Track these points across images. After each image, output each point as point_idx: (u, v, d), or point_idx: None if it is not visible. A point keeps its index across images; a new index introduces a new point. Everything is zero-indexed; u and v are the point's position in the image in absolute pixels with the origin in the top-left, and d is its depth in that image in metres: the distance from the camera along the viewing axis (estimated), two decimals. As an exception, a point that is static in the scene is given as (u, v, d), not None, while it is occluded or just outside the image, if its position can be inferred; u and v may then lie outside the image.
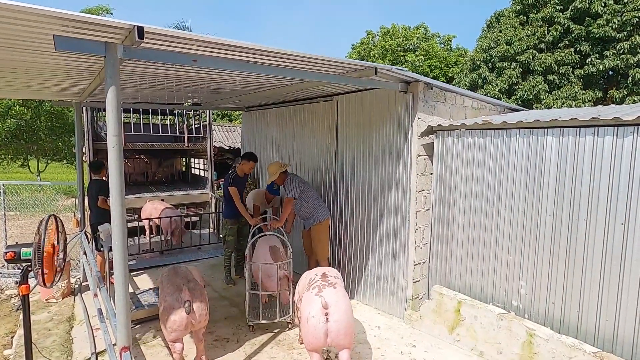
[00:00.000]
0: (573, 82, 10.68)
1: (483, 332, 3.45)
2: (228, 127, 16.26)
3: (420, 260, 4.07)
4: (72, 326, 4.04)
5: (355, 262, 4.73)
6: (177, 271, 3.24)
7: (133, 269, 5.60)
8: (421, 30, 21.12)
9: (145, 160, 9.81)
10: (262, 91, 4.79)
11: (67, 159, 15.74)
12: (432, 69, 19.19)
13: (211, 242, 6.97)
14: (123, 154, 2.16)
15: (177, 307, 2.94)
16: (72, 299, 4.75)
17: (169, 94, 5.11)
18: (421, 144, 3.97)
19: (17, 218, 8.30)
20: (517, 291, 3.40)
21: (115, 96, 2.04)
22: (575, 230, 3.02)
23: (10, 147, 14.05)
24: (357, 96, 4.57)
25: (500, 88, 11.56)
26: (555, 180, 3.13)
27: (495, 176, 3.53)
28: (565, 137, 3.05)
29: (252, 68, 2.86)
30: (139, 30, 1.95)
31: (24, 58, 2.80)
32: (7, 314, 4.64)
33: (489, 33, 12.81)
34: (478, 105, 4.52)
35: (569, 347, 2.90)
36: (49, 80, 3.84)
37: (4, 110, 13.15)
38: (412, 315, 4.00)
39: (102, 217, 4.80)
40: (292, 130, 5.84)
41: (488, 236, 3.59)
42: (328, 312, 2.73)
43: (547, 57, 10.84)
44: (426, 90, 3.90)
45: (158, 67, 3.30)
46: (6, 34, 2.16)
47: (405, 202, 4.04)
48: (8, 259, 2.88)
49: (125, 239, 2.20)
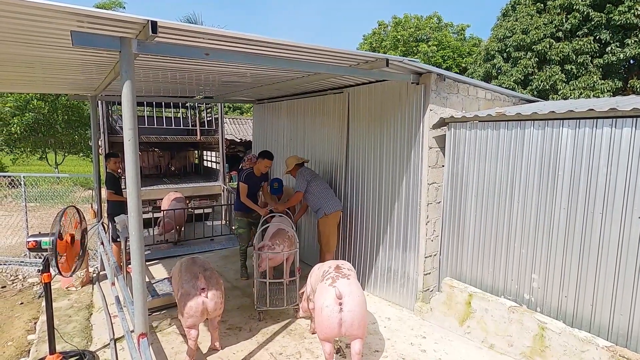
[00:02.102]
0: (592, 72, 10.36)
1: (494, 324, 3.44)
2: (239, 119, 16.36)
3: (431, 253, 4.07)
4: (91, 313, 4.19)
5: (366, 254, 4.75)
6: (195, 260, 3.34)
7: (148, 259, 5.74)
8: (434, 19, 20.69)
9: (158, 153, 9.97)
10: (273, 84, 4.80)
11: (83, 151, 16.09)
12: (445, 60, 18.84)
13: (223, 233, 7.09)
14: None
15: (193, 294, 3.03)
16: (91, 287, 4.91)
17: (182, 87, 5.16)
18: (433, 136, 3.93)
19: (37, 209, 8.55)
20: (529, 284, 3.37)
21: (131, 90, 2.08)
22: (590, 224, 2.98)
23: (29, 140, 14.42)
24: (369, 88, 4.54)
25: (515, 78, 11.29)
26: (570, 173, 3.08)
27: (508, 168, 3.49)
28: (582, 129, 2.99)
29: (263, 61, 2.87)
30: (152, 24, 1.97)
31: (40, 53, 2.86)
32: (30, 301, 4.83)
33: (504, 22, 12.48)
34: (492, 97, 4.44)
35: (582, 341, 2.88)
36: (65, 74, 3.92)
37: (23, 104, 13.47)
38: (423, 307, 4.01)
39: (119, 208, 4.94)
40: (303, 122, 5.85)
41: (500, 229, 3.57)
42: (342, 302, 2.76)
43: (564, 46, 10.53)
44: (438, 81, 3.85)
45: (171, 61, 3.33)
46: (24, 30, 2.22)
47: (417, 195, 4.02)
48: (30, 247, 3.00)
49: (141, 229, 2.26)
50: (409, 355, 3.37)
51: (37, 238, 3.01)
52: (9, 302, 4.82)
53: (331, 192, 4.69)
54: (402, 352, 3.41)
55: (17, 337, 3.97)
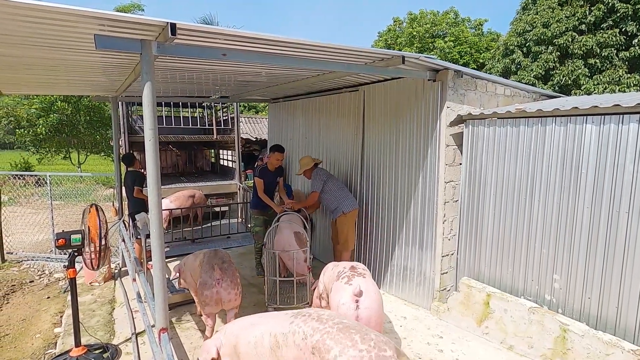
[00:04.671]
0: (617, 66, 9.98)
1: (513, 325, 3.38)
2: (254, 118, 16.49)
3: (448, 252, 4.02)
4: (113, 308, 4.32)
5: (382, 253, 4.73)
6: (216, 253, 3.44)
7: (167, 255, 5.86)
8: (451, 15, 20.33)
9: (176, 152, 10.16)
10: (288, 82, 4.82)
11: (104, 151, 16.57)
12: (462, 56, 18.50)
13: (240, 231, 7.18)
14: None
15: (210, 283, 3.18)
16: (113, 283, 5.06)
17: (198, 87, 5.25)
18: (450, 134, 3.88)
19: (61, 207, 8.87)
20: (550, 285, 3.29)
21: (151, 91, 2.13)
22: (615, 223, 2.88)
23: (54, 140, 14.95)
24: (384, 85, 4.51)
25: (536, 74, 10.99)
26: (594, 171, 2.98)
27: (528, 166, 3.40)
28: (607, 125, 2.89)
29: (279, 60, 2.89)
30: (172, 27, 2.01)
31: (64, 56, 2.96)
32: (56, 296, 5.01)
33: (524, 15, 12.14)
34: (511, 93, 4.34)
35: (606, 344, 2.80)
36: (87, 76, 4.05)
37: (48, 105, 13.97)
38: (439, 306, 3.97)
39: (140, 206, 5.07)
40: (318, 121, 5.85)
41: (520, 228, 3.49)
42: (359, 299, 2.76)
43: (588, 39, 10.17)
44: (456, 78, 3.78)
45: (188, 62, 3.40)
46: (49, 35, 2.30)
47: (433, 193, 3.97)
48: (59, 245, 3.11)
49: (162, 227, 2.31)
50: (426, 355, 3.34)
51: (65, 236, 3.12)
52: (37, 296, 5.02)
53: (347, 191, 4.69)
54: (418, 352, 3.38)
55: (45, 329, 4.13)
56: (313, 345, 1.90)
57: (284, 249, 4.16)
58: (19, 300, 4.93)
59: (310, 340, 1.92)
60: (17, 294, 5.12)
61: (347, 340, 1.84)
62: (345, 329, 1.92)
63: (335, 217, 4.62)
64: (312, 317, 2.07)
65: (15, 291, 5.20)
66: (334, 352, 1.81)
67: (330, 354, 1.81)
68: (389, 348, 1.82)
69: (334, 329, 1.92)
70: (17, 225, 7.38)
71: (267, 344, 2.11)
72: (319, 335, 1.92)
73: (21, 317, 4.49)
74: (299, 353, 1.95)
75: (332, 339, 1.86)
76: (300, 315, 2.15)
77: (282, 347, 2.03)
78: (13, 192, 9.49)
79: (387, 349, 1.80)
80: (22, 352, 3.72)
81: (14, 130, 15.51)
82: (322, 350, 1.85)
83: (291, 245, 4.10)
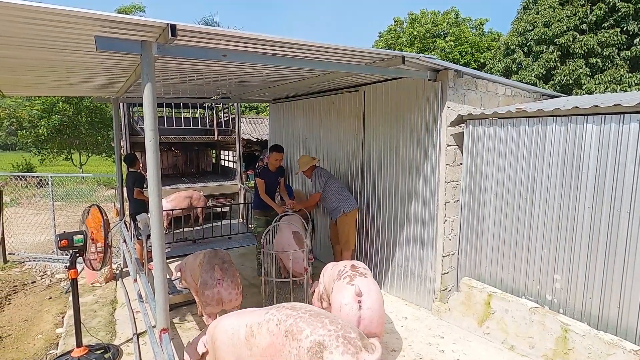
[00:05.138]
0: (618, 65, 9.96)
1: (514, 325, 3.37)
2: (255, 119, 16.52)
3: (448, 252, 4.01)
4: (115, 308, 4.33)
5: (382, 253, 4.73)
6: (217, 253, 3.44)
7: (168, 256, 5.87)
8: (451, 15, 20.32)
9: (177, 153, 10.18)
10: (289, 83, 4.83)
11: (106, 152, 16.62)
12: (463, 55, 18.49)
13: (241, 231, 7.19)
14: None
15: (210, 283, 3.19)
16: (114, 283, 5.07)
17: (199, 88, 5.26)
18: (451, 134, 3.87)
19: (62, 208, 8.89)
20: (551, 285, 3.28)
21: (151, 92, 2.14)
22: (616, 223, 2.87)
23: (56, 141, 15.00)
24: (385, 86, 4.51)
25: (537, 73, 10.98)
26: (595, 171, 2.97)
27: (529, 166, 3.40)
28: (607, 125, 2.88)
29: (279, 61, 2.89)
30: (172, 28, 2.02)
31: (65, 58, 2.97)
32: (58, 296, 5.02)
33: (525, 15, 12.13)
34: (512, 93, 4.34)
35: (608, 344, 2.79)
36: (88, 77, 4.06)
37: (49, 107, 14.02)
38: (440, 307, 3.97)
39: (140, 207, 5.08)
40: (319, 121, 5.86)
41: (521, 228, 3.48)
42: (361, 299, 2.76)
43: (589, 39, 10.16)
44: (456, 78, 3.78)
45: (189, 63, 3.40)
46: (49, 36, 2.31)
47: (434, 194, 3.97)
48: (62, 246, 3.11)
49: (162, 228, 2.32)
50: (427, 355, 3.34)
51: (67, 237, 3.13)
52: (39, 297, 5.03)
53: (347, 191, 4.69)
54: (419, 352, 3.38)
55: (47, 330, 4.14)
56: (286, 329, 2.08)
57: (283, 249, 4.16)
58: (21, 301, 4.95)
59: (283, 325, 2.10)
60: (19, 295, 5.13)
61: (317, 322, 2.06)
62: (316, 315, 2.13)
63: (335, 217, 4.62)
64: (286, 306, 2.26)
65: (17, 292, 5.22)
66: (306, 333, 2.01)
67: (303, 334, 2.02)
68: (354, 332, 2.06)
69: (306, 314, 2.12)
70: (19, 226, 7.40)
71: (242, 334, 2.26)
72: (292, 320, 2.10)
73: (23, 317, 4.50)
74: (272, 339, 2.11)
75: (304, 322, 2.07)
76: (275, 307, 2.32)
77: (256, 335, 2.18)
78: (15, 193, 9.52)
79: (352, 332, 2.04)
80: (24, 353, 3.74)
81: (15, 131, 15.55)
82: (294, 332, 2.04)
83: (290, 245, 4.11)
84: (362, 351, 1.96)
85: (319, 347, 1.94)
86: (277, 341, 2.08)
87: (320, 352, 1.93)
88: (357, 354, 1.93)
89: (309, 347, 1.96)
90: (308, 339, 1.98)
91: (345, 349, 1.93)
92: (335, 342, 1.95)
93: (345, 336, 1.99)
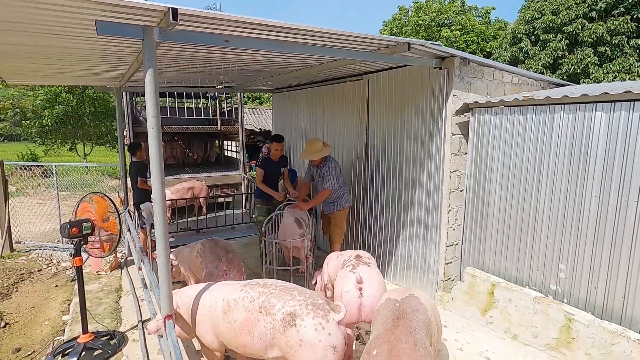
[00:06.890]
0: (628, 54, 9.76)
1: (518, 315, 3.37)
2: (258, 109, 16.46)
3: (452, 242, 4.00)
4: (120, 296, 4.38)
5: (386, 242, 4.72)
6: (217, 242, 3.43)
7: (172, 245, 5.91)
8: (457, 3, 19.95)
9: (180, 142, 10.17)
10: (292, 72, 4.77)
11: (109, 142, 16.66)
12: (469, 44, 18.19)
13: (244, 221, 7.20)
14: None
15: (216, 274, 3.17)
16: (119, 271, 5.12)
17: (202, 76, 5.22)
18: (456, 123, 3.82)
19: (67, 197, 8.94)
20: (555, 275, 3.27)
21: (153, 78, 2.11)
22: (623, 213, 2.84)
23: (60, 131, 15.04)
24: (389, 74, 4.44)
25: (544, 62, 10.79)
26: (602, 159, 2.93)
27: (535, 155, 3.35)
28: (617, 112, 2.83)
29: (283, 47, 2.84)
30: (173, 11, 1.98)
31: (67, 44, 2.94)
32: (64, 284, 5.08)
33: (533, 3, 11.88)
34: (518, 81, 4.26)
35: (612, 334, 2.78)
36: (91, 65, 4.03)
37: (53, 97, 14.02)
38: (444, 296, 3.97)
39: (144, 196, 5.09)
40: (322, 110, 5.81)
41: (526, 218, 3.45)
42: (362, 287, 2.76)
43: (598, 27, 9.94)
44: (462, 65, 3.72)
45: (191, 50, 3.36)
46: (51, 21, 2.28)
47: (438, 183, 3.94)
48: (73, 233, 3.13)
49: (165, 217, 2.32)
50: (430, 344, 3.35)
51: (77, 225, 3.15)
52: (45, 285, 5.09)
53: (347, 186, 4.70)
54: (422, 341, 3.39)
55: (53, 317, 4.20)
56: (260, 305, 2.29)
57: (286, 237, 4.16)
58: (28, 289, 5.01)
59: (257, 302, 2.32)
60: (26, 283, 5.19)
61: (287, 295, 2.28)
62: (285, 289, 2.35)
63: (333, 209, 4.56)
64: (258, 284, 2.47)
65: (24, 280, 5.28)
66: (278, 307, 2.23)
67: (275, 308, 2.23)
68: (321, 299, 2.27)
69: (276, 290, 2.34)
70: (24, 216, 7.46)
71: (220, 308, 2.46)
72: (265, 297, 2.32)
73: (30, 304, 4.56)
74: (247, 314, 2.32)
75: (275, 297, 2.29)
76: (248, 284, 2.51)
77: (233, 310, 2.39)
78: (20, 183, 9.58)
79: (319, 299, 2.26)
80: (31, 339, 3.79)
81: (20, 122, 15.62)
82: (267, 308, 2.26)
83: (292, 230, 4.11)
84: (330, 313, 2.17)
85: (291, 317, 2.16)
86: (252, 317, 2.29)
87: (292, 321, 2.14)
88: (326, 315, 2.15)
89: (282, 318, 2.17)
90: (280, 311, 2.20)
91: (314, 313, 2.15)
92: (305, 310, 2.16)
93: (314, 303, 2.20)
